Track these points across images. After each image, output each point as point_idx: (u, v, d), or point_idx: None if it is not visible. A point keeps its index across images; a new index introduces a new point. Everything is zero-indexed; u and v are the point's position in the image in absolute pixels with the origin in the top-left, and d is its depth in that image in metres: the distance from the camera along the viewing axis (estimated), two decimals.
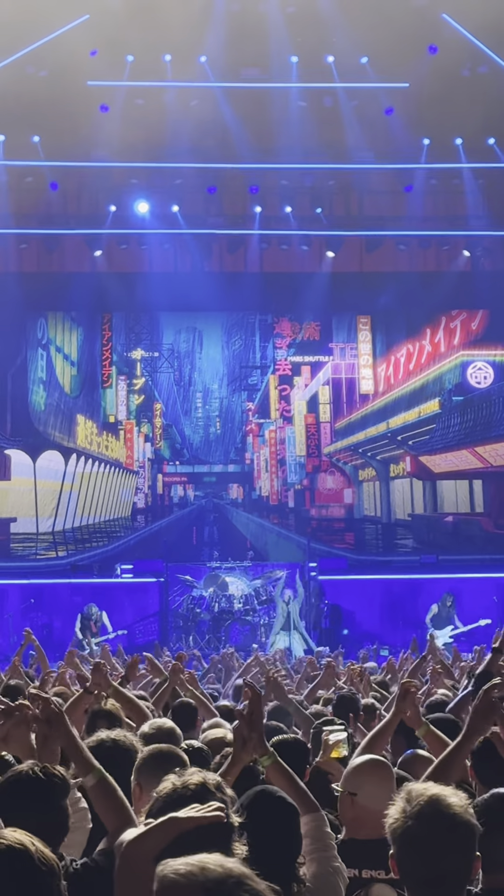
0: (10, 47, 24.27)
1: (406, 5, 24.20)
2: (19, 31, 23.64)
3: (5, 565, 27.83)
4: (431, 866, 3.67)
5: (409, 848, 3.69)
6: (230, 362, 29.91)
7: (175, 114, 27.01)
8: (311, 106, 27.30)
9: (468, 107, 26.04)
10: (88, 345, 29.60)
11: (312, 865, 4.83)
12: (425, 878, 3.72)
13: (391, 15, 23.74)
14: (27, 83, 24.82)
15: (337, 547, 29.00)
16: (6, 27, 23.15)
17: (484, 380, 29.80)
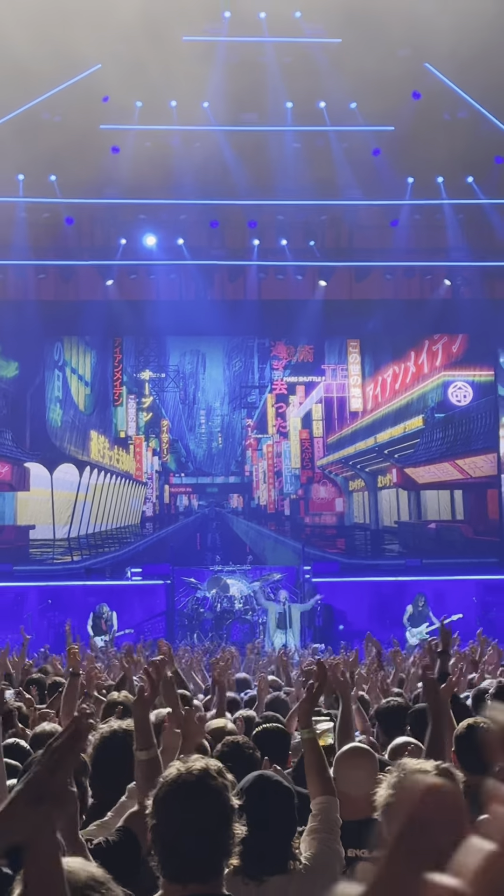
0: (28, 94, 24.26)
1: (391, 55, 24.14)
2: (37, 79, 23.61)
3: (25, 569, 27.77)
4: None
5: None
6: (231, 382, 29.84)
7: (180, 155, 27.02)
8: (304, 147, 27.28)
9: (449, 148, 26.00)
10: (101, 366, 29.53)
11: (314, 845, 4.83)
12: None
13: (377, 64, 23.70)
14: (45, 127, 24.79)
15: (329, 552, 28.94)
16: (25, 76, 23.11)
17: (464, 398, 29.76)
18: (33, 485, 29.03)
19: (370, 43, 23.49)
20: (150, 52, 22.51)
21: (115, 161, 26.79)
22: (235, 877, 4.26)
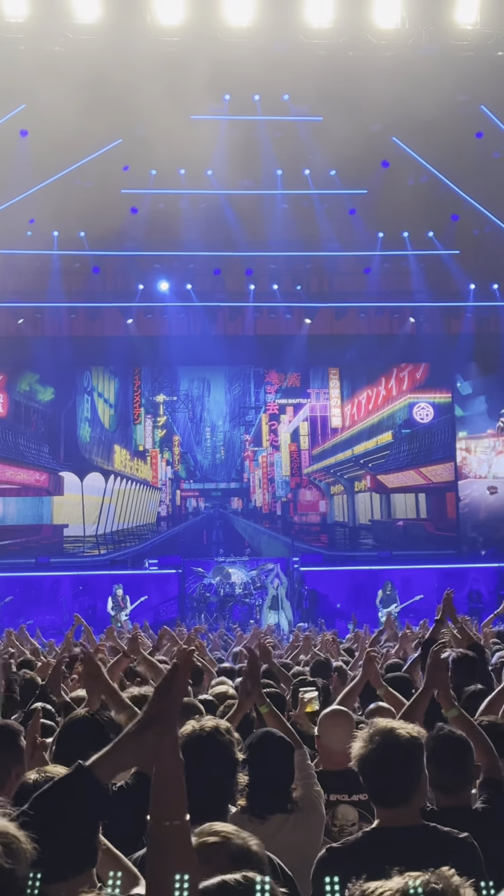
0: (62, 165, 24.27)
1: (364, 131, 24.18)
2: (70, 152, 23.67)
3: (60, 561, 27.77)
4: (385, 781, 3.76)
5: (368, 767, 3.77)
6: (231, 404, 29.84)
7: (188, 214, 27.06)
8: (292, 208, 27.32)
9: (412, 208, 26.03)
10: (123, 391, 29.53)
11: (299, 790, 4.87)
12: (382, 790, 3.82)
13: (353, 138, 23.72)
14: (75, 192, 24.84)
15: (314, 545, 28.92)
16: (61, 150, 23.17)
17: (426, 416, 29.79)
18: (67, 490, 29.01)
19: (346, 120, 23.51)
20: (162, 128, 22.53)
21: (134, 220, 26.88)
22: (242, 815, 4.30)
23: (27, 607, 24.60)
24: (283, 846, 4.27)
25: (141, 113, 22.15)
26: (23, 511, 28.93)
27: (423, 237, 27.84)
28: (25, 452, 29.07)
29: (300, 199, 27.25)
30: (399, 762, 3.72)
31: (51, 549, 28.35)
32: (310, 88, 23.05)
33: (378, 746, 3.73)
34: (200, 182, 26.33)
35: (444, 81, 22.96)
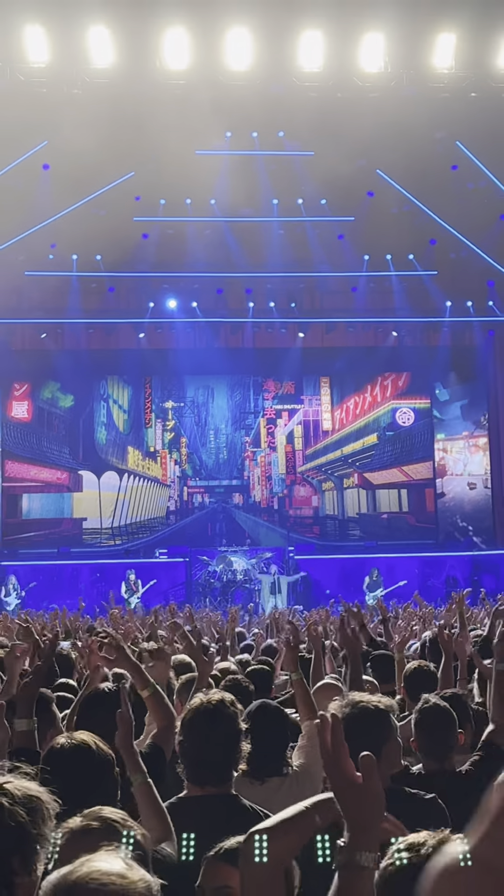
0: (80, 195, 24.26)
1: (351, 165, 24.17)
2: (87, 184, 23.66)
3: (80, 550, 27.84)
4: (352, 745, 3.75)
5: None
6: (233, 409, 29.89)
7: (193, 240, 27.05)
8: (286, 234, 27.33)
9: (395, 234, 26.08)
10: (135, 398, 29.57)
11: (302, 757, 4.88)
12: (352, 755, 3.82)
13: (341, 171, 23.75)
14: (92, 220, 24.80)
15: (307, 536, 28.97)
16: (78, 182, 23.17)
17: (407, 420, 29.84)
18: (85, 487, 29.05)
19: (335, 155, 23.52)
20: (170, 162, 22.53)
21: (145, 245, 26.89)
22: (244, 778, 4.33)
23: (50, 592, 24.64)
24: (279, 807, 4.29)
25: (151, 148, 22.17)
26: (46, 506, 28.96)
27: (404, 259, 27.86)
28: (48, 453, 29.10)
29: (294, 226, 27.24)
30: (366, 729, 3.74)
31: (71, 540, 28.39)
32: (302, 126, 23.07)
33: (347, 716, 3.77)
34: (205, 210, 26.33)
35: (422, 120, 23.00)
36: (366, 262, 27.79)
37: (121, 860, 1.88)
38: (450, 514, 29.39)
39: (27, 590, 24.92)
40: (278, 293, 28.29)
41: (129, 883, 1.82)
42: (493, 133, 23.36)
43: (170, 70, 22.14)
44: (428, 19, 21.78)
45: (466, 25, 21.85)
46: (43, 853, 2.21)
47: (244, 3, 20.95)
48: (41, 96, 22.12)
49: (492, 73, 22.88)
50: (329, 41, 22.00)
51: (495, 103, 23.17)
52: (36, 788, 2.30)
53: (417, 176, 24.65)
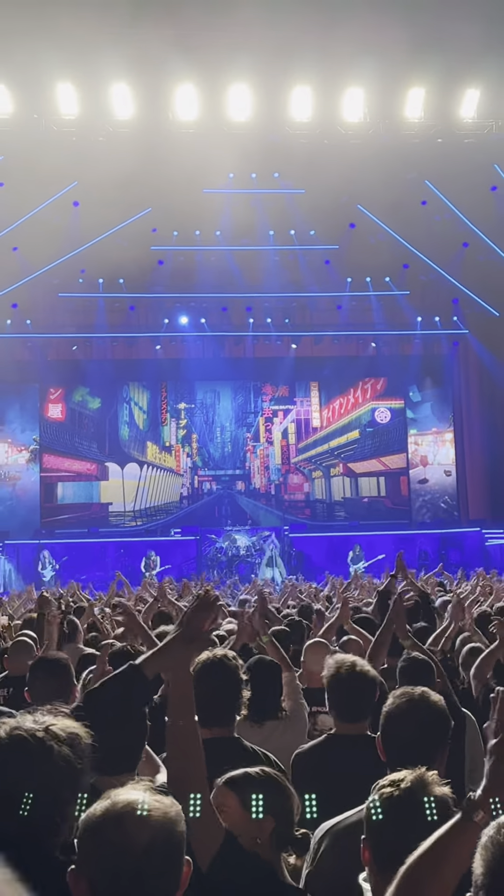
0: (105, 228, 24.23)
1: (336, 200, 24.18)
2: (111, 218, 23.61)
3: (106, 530, 27.83)
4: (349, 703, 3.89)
5: (334, 692, 3.92)
6: (236, 410, 29.88)
7: (202, 265, 27.05)
8: (281, 260, 27.31)
9: (374, 259, 26.02)
10: (153, 400, 29.57)
11: (289, 702, 4.91)
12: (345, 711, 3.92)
13: (327, 206, 23.78)
14: (115, 249, 24.77)
15: (300, 517, 28.98)
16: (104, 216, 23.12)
17: (385, 418, 29.84)
18: (111, 476, 29.07)
19: (323, 192, 23.47)
20: (182, 199, 22.53)
21: (161, 270, 26.91)
22: (245, 722, 4.29)
23: (80, 566, 24.60)
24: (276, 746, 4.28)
25: (165, 188, 22.10)
26: (77, 492, 28.96)
27: (381, 281, 27.88)
28: (79, 448, 29.10)
29: (287, 253, 27.23)
30: (360, 691, 3.84)
31: (99, 521, 28.39)
32: (294, 168, 23.03)
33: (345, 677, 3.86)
34: (211, 240, 26.32)
35: (396, 162, 22.97)
36: (348, 284, 27.79)
37: (150, 791, 1.93)
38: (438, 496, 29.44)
39: (61, 563, 24.89)
40: (274, 310, 28.30)
41: (166, 807, 1.89)
42: (456, 173, 23.32)
43: (181, 121, 22.11)
44: (401, 76, 21.73)
45: (433, 82, 21.81)
46: (84, 783, 2.25)
47: (244, 63, 20.90)
48: (72, 144, 22.08)
49: (455, 122, 22.84)
50: (316, 95, 21.96)
51: (458, 148, 23.13)
52: (75, 726, 2.30)
53: (392, 210, 24.56)
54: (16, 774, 2.10)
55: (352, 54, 20.36)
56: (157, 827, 1.85)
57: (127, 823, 1.83)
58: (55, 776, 2.16)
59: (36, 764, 2.15)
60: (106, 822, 1.85)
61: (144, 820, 1.85)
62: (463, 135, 23.09)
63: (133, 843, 1.82)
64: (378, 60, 20.69)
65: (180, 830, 1.90)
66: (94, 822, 1.87)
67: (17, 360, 27.88)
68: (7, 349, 27.59)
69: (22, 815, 2.09)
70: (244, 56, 20.59)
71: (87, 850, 1.87)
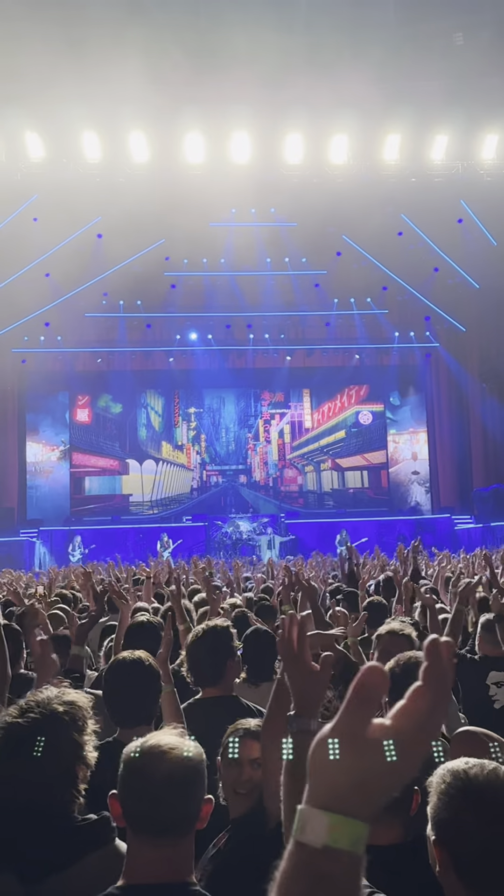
0: (124, 256, 24.26)
1: (324, 231, 24.23)
2: (129, 248, 23.64)
3: (127, 518, 27.81)
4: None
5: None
6: (238, 413, 29.85)
7: (209, 289, 27.09)
8: (276, 284, 27.30)
9: (357, 283, 26.10)
10: (167, 405, 29.55)
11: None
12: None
13: (317, 236, 23.87)
14: (134, 274, 24.89)
15: (294, 506, 28.92)
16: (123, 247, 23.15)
17: (367, 420, 29.81)
18: (131, 471, 29.05)
19: (313, 225, 23.56)
20: (191, 231, 22.54)
21: (173, 293, 26.92)
22: (243, 683, 4.32)
23: (105, 549, 24.59)
24: None
25: (177, 221, 22.13)
26: (102, 485, 28.96)
27: (363, 302, 27.87)
28: (103, 447, 29.10)
29: (282, 278, 27.21)
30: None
31: (120, 510, 28.39)
32: (288, 204, 23.01)
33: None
34: (216, 267, 26.31)
35: (376, 198, 22.95)
36: (335, 304, 27.78)
37: (177, 735, 2.04)
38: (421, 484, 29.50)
39: (89, 549, 24.91)
40: (271, 327, 28.30)
41: (188, 748, 1.98)
42: (427, 208, 23.36)
43: (190, 163, 22.10)
44: (379, 125, 21.72)
45: (407, 129, 21.82)
46: (89, 741, 2.26)
47: (244, 113, 20.92)
48: (96, 184, 22.08)
49: (426, 163, 22.83)
50: (307, 141, 21.96)
51: (429, 186, 23.11)
52: (78, 697, 2.31)
53: (372, 240, 24.57)
54: (28, 752, 2.10)
55: (337, 106, 20.40)
56: (175, 762, 1.94)
57: (152, 757, 1.94)
58: (64, 748, 2.17)
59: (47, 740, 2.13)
60: (136, 756, 1.96)
61: (165, 755, 1.94)
62: (433, 174, 23.08)
63: (154, 773, 1.92)
64: (360, 111, 20.75)
65: (197, 768, 1.98)
66: (128, 757, 1.99)
67: (50, 371, 27.92)
68: (41, 362, 27.64)
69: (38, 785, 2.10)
70: (244, 108, 20.63)
71: (122, 778, 1.98)
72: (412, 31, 18.23)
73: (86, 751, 2.22)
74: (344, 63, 18.15)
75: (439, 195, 23.02)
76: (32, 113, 20.65)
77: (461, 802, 1.70)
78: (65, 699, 2.23)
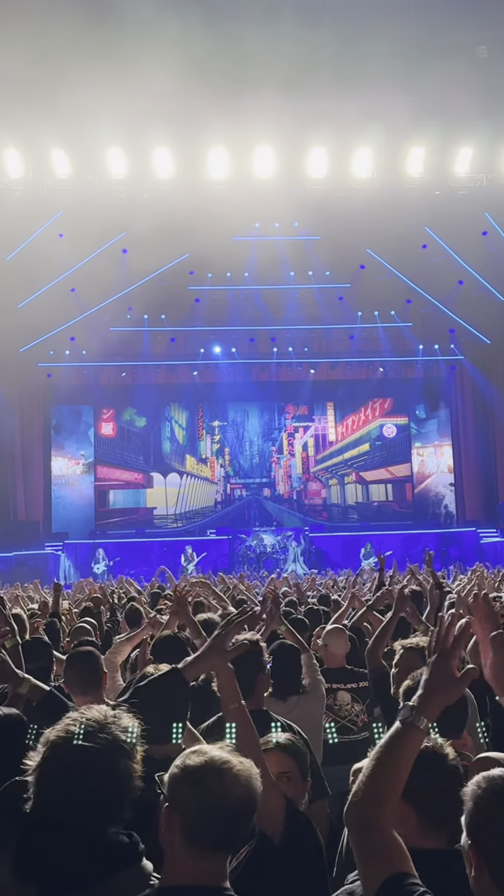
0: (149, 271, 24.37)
1: (348, 244, 24.20)
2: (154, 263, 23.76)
3: (151, 531, 27.83)
4: None
5: None
6: (262, 426, 29.84)
7: (233, 302, 27.12)
8: (300, 297, 27.30)
9: (381, 296, 26.07)
10: (191, 419, 29.60)
11: (308, 679, 4.90)
12: None
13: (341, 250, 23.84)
14: (158, 289, 25.11)
15: (318, 519, 28.87)
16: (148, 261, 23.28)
17: (391, 433, 29.68)
18: (155, 485, 29.10)
19: (337, 238, 23.56)
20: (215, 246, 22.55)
21: (197, 307, 26.99)
22: (270, 698, 4.29)
23: (129, 562, 24.66)
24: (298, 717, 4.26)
25: (201, 236, 22.17)
26: (126, 499, 29.04)
27: (387, 315, 27.79)
28: (128, 460, 29.20)
29: (306, 291, 27.19)
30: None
31: (145, 523, 28.44)
32: (311, 218, 23.02)
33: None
34: (240, 281, 26.37)
35: (399, 211, 22.92)
36: (359, 317, 27.73)
37: (231, 751, 2.05)
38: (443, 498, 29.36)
39: (114, 561, 24.97)
40: (295, 341, 28.29)
41: (250, 768, 2.02)
42: (452, 221, 23.29)
43: (213, 178, 22.21)
44: (403, 138, 21.73)
45: (432, 142, 21.82)
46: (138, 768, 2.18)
47: (268, 128, 21.00)
48: (121, 199, 22.26)
49: (451, 176, 22.79)
50: (330, 155, 22.00)
51: (453, 199, 23.07)
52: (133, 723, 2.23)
53: (396, 253, 24.55)
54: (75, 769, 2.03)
55: (361, 120, 20.43)
56: (245, 783, 1.98)
57: (226, 777, 1.96)
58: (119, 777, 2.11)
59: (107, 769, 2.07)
60: (207, 773, 1.97)
61: (238, 776, 1.98)
62: (458, 187, 23.03)
63: (230, 793, 1.95)
64: (384, 124, 20.77)
65: (259, 788, 2.03)
66: (194, 772, 1.98)
67: (75, 385, 28.08)
68: (66, 376, 27.80)
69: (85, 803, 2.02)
70: (268, 122, 20.70)
71: (185, 792, 1.97)
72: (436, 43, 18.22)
73: (135, 779, 2.16)
74: (368, 76, 18.18)
75: (463, 208, 22.96)
76: (58, 130, 20.87)
77: (497, 807, 1.79)
78: (122, 724, 2.15)
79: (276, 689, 4.40)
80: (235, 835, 1.98)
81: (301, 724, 4.02)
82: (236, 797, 1.95)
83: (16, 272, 22.40)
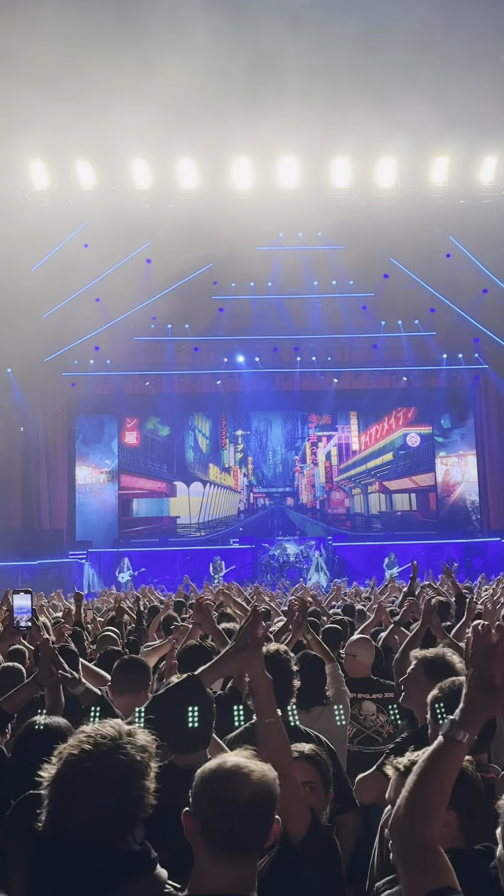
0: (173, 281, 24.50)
1: (372, 254, 24.18)
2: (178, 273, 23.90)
3: (175, 540, 27.84)
4: None
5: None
6: (286, 436, 29.83)
7: (256, 312, 27.19)
8: (324, 306, 27.33)
9: (404, 305, 26.04)
10: (215, 428, 29.65)
11: (332, 689, 4.91)
12: None
13: (364, 259, 23.80)
14: (182, 298, 25.23)
15: (342, 528, 28.76)
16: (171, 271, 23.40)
17: (415, 442, 29.55)
18: (179, 494, 29.15)
19: (360, 248, 23.52)
20: (238, 255, 22.68)
21: (220, 316, 27.06)
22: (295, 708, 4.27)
23: (154, 571, 24.72)
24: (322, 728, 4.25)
25: (224, 246, 22.27)
26: (150, 507, 29.11)
27: (411, 324, 27.71)
28: (152, 469, 29.28)
29: (329, 301, 27.22)
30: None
31: (169, 532, 28.47)
32: (335, 227, 23.06)
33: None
34: (264, 290, 26.45)
35: (423, 220, 22.93)
36: (383, 326, 27.67)
37: (251, 757, 2.10)
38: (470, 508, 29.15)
39: (138, 571, 25.03)
40: (318, 350, 28.28)
41: (265, 771, 2.06)
42: (476, 229, 23.22)
43: (237, 188, 22.29)
44: (427, 148, 21.73)
45: (456, 151, 21.78)
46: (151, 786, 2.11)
47: (292, 138, 21.07)
48: (145, 210, 22.40)
49: (475, 185, 22.73)
50: (354, 165, 22.02)
51: (478, 208, 23.00)
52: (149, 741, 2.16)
53: (420, 262, 24.52)
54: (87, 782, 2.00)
55: (385, 129, 20.42)
56: (257, 784, 2.01)
57: (236, 779, 2.01)
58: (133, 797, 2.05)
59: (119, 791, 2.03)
60: (219, 776, 2.03)
61: (248, 777, 2.02)
62: (482, 196, 22.96)
63: (239, 794, 1.99)
64: (408, 134, 20.76)
65: (274, 791, 2.05)
66: (209, 777, 2.04)
67: (99, 394, 28.23)
68: (91, 385, 27.97)
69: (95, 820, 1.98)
70: (292, 132, 20.78)
71: (202, 797, 2.03)
72: (461, 52, 18.15)
73: (148, 797, 2.14)
74: (392, 86, 18.19)
75: (488, 217, 22.87)
76: (84, 142, 21.06)
77: None
78: (138, 743, 2.10)
79: (299, 698, 4.39)
80: (247, 836, 1.98)
81: (325, 736, 4.01)
82: (246, 796, 1.98)
83: (41, 282, 22.59)
